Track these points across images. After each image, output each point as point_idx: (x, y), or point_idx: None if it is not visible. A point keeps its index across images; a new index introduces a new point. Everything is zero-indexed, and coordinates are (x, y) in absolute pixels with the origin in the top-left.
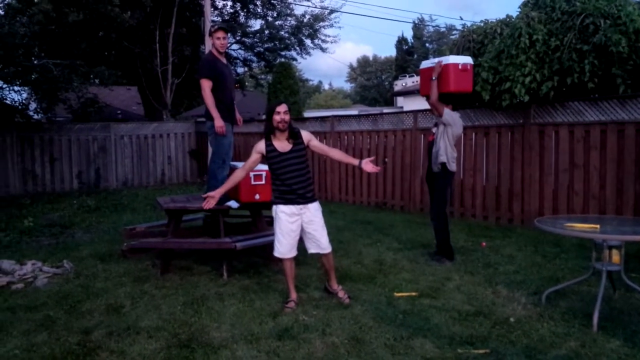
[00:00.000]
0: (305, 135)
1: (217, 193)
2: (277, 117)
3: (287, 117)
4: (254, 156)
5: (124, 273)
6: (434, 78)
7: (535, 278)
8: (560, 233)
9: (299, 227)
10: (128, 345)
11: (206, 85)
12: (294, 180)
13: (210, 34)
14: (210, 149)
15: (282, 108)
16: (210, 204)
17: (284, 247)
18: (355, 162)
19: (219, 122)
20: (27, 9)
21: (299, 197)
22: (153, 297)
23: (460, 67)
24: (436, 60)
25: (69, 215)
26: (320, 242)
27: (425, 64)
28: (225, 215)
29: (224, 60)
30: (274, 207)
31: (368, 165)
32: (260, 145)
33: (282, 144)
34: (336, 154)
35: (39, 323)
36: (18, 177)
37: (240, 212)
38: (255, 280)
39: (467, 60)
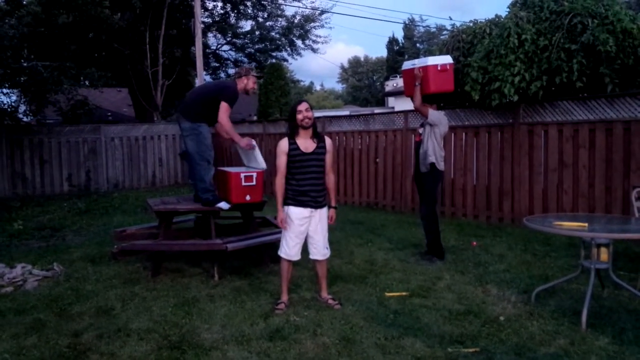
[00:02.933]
0: (329, 143)
1: (280, 213)
2: (299, 116)
3: (309, 114)
4: (282, 158)
5: (114, 275)
6: (417, 84)
7: (525, 277)
8: (549, 231)
9: (307, 230)
10: (118, 348)
11: (229, 111)
12: (310, 182)
13: (247, 74)
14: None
15: (303, 106)
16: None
17: (291, 249)
18: (332, 203)
19: (244, 142)
20: (15, 11)
21: (311, 201)
22: (144, 299)
23: (439, 67)
24: (417, 61)
25: (59, 218)
26: (319, 248)
27: (406, 65)
28: (216, 217)
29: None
30: (285, 207)
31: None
32: (284, 145)
33: (305, 143)
34: (330, 181)
35: (29, 326)
36: (7, 180)
37: (231, 214)
38: (247, 282)
39: (447, 60)
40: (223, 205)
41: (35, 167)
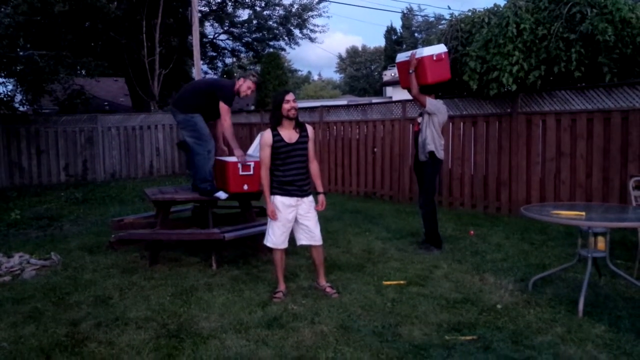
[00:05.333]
0: (310, 130)
1: (268, 204)
2: (286, 106)
3: (296, 105)
4: (266, 151)
5: (112, 265)
6: (411, 71)
7: (522, 265)
8: (546, 220)
9: (294, 218)
10: (116, 336)
11: (229, 112)
12: (296, 171)
13: (246, 77)
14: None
15: (291, 96)
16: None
17: (278, 238)
18: (319, 189)
19: (239, 152)
20: None
21: (297, 190)
22: (142, 288)
23: (434, 57)
24: (409, 53)
25: (56, 208)
26: (313, 234)
27: (400, 57)
28: (213, 206)
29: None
30: (272, 197)
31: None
32: (267, 137)
33: (289, 134)
34: (314, 168)
35: (27, 315)
36: (4, 170)
37: (229, 203)
38: (245, 271)
39: (441, 49)
40: (221, 194)
41: (32, 156)
